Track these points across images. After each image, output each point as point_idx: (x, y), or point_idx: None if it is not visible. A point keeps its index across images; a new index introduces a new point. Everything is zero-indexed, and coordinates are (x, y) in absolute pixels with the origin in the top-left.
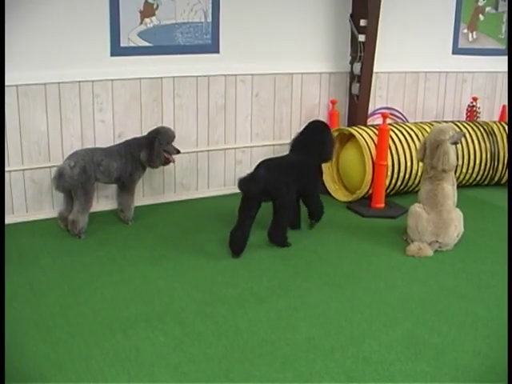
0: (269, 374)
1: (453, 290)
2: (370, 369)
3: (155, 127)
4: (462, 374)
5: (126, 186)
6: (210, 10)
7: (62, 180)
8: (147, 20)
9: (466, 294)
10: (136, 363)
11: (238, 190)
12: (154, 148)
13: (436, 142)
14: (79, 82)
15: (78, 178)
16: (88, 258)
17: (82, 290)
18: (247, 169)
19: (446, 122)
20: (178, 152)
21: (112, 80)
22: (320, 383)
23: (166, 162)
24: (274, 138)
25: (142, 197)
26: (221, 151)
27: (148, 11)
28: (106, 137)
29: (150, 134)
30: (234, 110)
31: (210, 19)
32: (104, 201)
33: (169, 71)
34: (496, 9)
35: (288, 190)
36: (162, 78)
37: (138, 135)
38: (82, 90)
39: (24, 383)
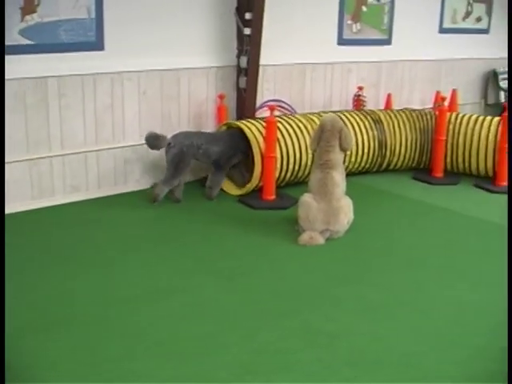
0: (166, 371)
1: (345, 276)
2: (266, 360)
3: None
4: (360, 358)
5: (221, 167)
6: (93, 6)
7: (159, 141)
8: (28, 17)
9: (357, 280)
10: (28, 368)
11: (130, 189)
12: None
13: (338, 127)
14: None
15: (172, 157)
16: None
17: None
18: (137, 168)
19: (334, 111)
20: None
21: None
22: (217, 378)
23: None
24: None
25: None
26: (110, 150)
27: (28, 8)
28: None
29: None
30: (122, 108)
31: (93, 15)
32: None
33: (53, 70)
34: (378, 0)
35: None
36: (46, 77)
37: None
38: None
39: None
